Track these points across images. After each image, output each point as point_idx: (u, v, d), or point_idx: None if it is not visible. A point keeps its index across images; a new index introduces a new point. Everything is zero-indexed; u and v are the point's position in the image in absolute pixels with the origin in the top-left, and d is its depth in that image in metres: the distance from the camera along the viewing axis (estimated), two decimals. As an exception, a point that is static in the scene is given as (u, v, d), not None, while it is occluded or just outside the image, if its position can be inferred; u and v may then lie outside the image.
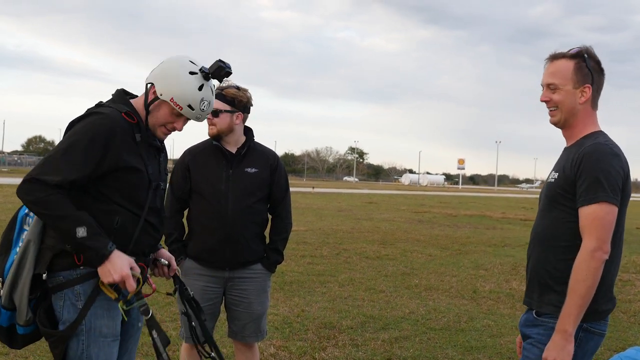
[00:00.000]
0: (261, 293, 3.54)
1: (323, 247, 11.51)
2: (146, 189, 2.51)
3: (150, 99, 2.50)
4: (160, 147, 2.65)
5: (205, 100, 2.50)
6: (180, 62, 2.50)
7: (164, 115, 2.50)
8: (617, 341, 5.75)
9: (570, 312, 2.29)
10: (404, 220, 19.10)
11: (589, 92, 2.45)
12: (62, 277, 2.39)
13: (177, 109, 2.46)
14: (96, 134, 2.34)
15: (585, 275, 2.27)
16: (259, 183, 3.50)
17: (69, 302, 2.39)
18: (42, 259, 2.38)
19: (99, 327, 2.40)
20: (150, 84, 2.51)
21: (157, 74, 2.51)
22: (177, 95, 2.45)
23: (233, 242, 3.40)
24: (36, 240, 2.39)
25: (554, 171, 2.51)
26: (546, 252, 2.47)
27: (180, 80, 2.45)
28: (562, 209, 2.41)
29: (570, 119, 2.49)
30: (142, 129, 2.51)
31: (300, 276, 8.33)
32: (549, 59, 2.53)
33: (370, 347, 5.24)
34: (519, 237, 14.93)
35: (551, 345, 2.31)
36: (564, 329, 2.29)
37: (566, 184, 2.40)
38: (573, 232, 2.37)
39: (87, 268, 2.39)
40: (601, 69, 2.49)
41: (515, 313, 6.74)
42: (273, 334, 5.39)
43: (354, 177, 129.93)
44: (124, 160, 2.41)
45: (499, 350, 5.36)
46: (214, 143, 3.48)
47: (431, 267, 9.86)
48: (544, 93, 2.52)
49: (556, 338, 2.31)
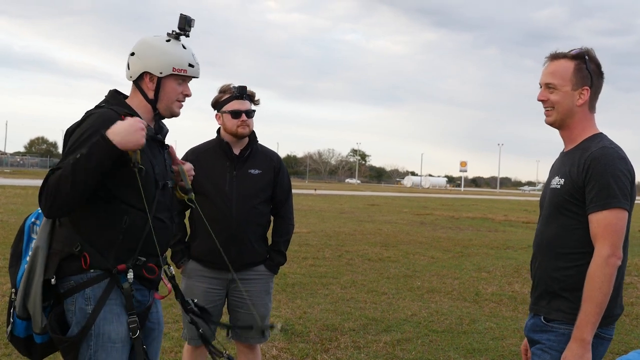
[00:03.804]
0: (264, 295, 3.55)
1: (325, 249, 11.50)
2: (153, 186, 2.48)
3: (154, 86, 2.50)
4: (164, 141, 2.64)
5: (193, 54, 2.56)
6: (152, 40, 2.52)
7: (172, 89, 2.52)
8: (620, 344, 5.74)
9: (588, 321, 2.25)
10: (406, 223, 19.09)
11: (586, 94, 2.42)
12: (73, 281, 2.37)
13: (183, 73, 2.50)
14: (94, 133, 2.30)
15: (601, 283, 2.24)
16: (263, 185, 3.50)
17: (79, 306, 2.37)
18: (50, 264, 2.37)
19: (108, 332, 2.37)
20: (141, 75, 2.50)
21: (142, 62, 2.49)
22: (175, 62, 2.49)
23: (237, 243, 3.41)
24: (44, 246, 2.39)
25: (558, 177, 2.45)
26: (554, 260, 2.42)
27: (167, 50, 2.49)
28: (570, 215, 2.38)
29: (567, 120, 2.46)
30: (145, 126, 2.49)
31: (302, 278, 8.33)
32: (549, 58, 2.49)
33: (372, 350, 5.23)
34: (522, 240, 14.91)
35: (569, 354, 2.27)
36: (582, 338, 2.26)
37: (574, 190, 2.36)
38: (581, 239, 2.35)
39: (96, 271, 2.37)
40: (601, 72, 2.47)
41: (518, 315, 6.74)
42: (275, 336, 5.38)
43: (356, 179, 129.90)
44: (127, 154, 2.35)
45: (501, 352, 5.35)
46: (224, 143, 3.49)
47: (433, 269, 9.86)
48: (541, 92, 2.50)
49: (574, 346, 2.27)
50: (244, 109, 3.43)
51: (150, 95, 2.52)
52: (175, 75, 2.50)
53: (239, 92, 3.43)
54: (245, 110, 3.43)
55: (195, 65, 2.55)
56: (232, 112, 3.42)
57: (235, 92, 3.44)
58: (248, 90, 3.49)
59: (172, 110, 2.57)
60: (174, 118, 2.63)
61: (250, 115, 3.46)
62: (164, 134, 2.66)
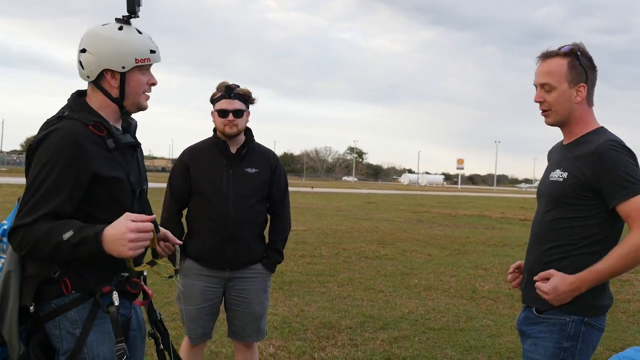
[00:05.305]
0: (261, 293, 3.54)
1: (322, 247, 11.51)
2: (130, 198, 2.31)
3: (117, 83, 2.27)
4: (136, 142, 2.41)
5: (150, 37, 2.32)
6: (103, 31, 2.27)
7: (137, 81, 2.30)
8: (616, 341, 5.76)
9: (593, 278, 2.29)
10: (403, 220, 19.11)
11: (584, 91, 2.42)
12: (54, 304, 2.16)
13: (146, 62, 2.28)
14: (61, 153, 2.10)
15: (629, 259, 2.25)
16: (260, 183, 3.50)
17: (65, 330, 2.16)
18: (26, 290, 2.14)
19: (103, 353, 2.19)
20: (101, 73, 2.25)
21: (99, 59, 2.24)
22: (136, 51, 2.25)
23: (234, 242, 3.40)
24: (16, 269, 2.16)
25: (560, 170, 2.44)
26: (550, 251, 2.44)
27: (124, 40, 2.25)
28: (570, 208, 2.39)
29: (567, 119, 2.46)
30: (114, 134, 2.27)
31: (299, 276, 8.33)
32: (541, 58, 2.48)
33: (370, 347, 5.24)
34: (518, 237, 14.93)
35: (559, 284, 2.31)
36: (579, 286, 2.30)
37: (578, 184, 2.36)
38: (579, 232, 2.37)
39: (79, 292, 2.18)
40: (594, 66, 2.46)
41: (515, 313, 6.75)
42: (272, 334, 5.39)
43: (353, 177, 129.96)
44: (100, 172, 2.17)
45: (498, 350, 5.36)
46: (221, 141, 3.48)
47: (430, 267, 9.87)
48: (537, 93, 2.48)
49: (565, 283, 2.31)
50: (232, 109, 3.40)
51: (115, 93, 2.28)
52: (138, 66, 2.27)
53: (226, 91, 3.42)
54: (233, 110, 3.41)
55: (156, 50, 2.32)
56: (219, 111, 3.42)
57: (223, 92, 3.43)
58: (241, 89, 3.47)
59: (139, 105, 2.35)
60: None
61: (238, 115, 3.41)
62: (133, 130, 2.44)
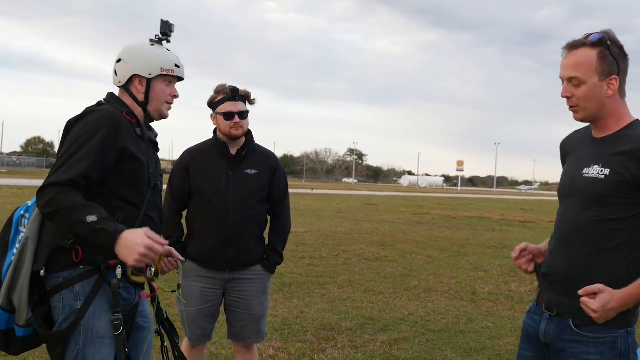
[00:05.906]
0: (261, 294, 3.54)
1: (322, 248, 11.50)
2: (146, 182, 2.54)
3: (143, 89, 2.58)
4: (156, 142, 2.73)
5: (177, 56, 2.66)
6: (137, 45, 2.62)
7: (161, 90, 2.61)
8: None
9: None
10: (403, 222, 19.11)
11: (616, 83, 2.19)
12: (62, 278, 2.36)
13: (171, 73, 2.60)
14: (101, 126, 2.38)
15: None
16: (260, 185, 3.50)
17: (67, 302, 2.35)
18: (40, 255, 2.37)
19: (97, 327, 2.36)
20: (130, 78, 2.57)
21: (130, 66, 2.57)
22: (163, 63, 2.58)
23: (234, 243, 3.41)
24: (35, 237, 2.38)
25: (598, 166, 2.20)
26: (589, 255, 2.20)
27: (154, 53, 2.59)
28: (611, 209, 2.16)
29: (599, 113, 2.23)
30: (142, 126, 2.57)
31: (299, 278, 8.33)
32: (567, 49, 2.23)
33: (370, 349, 5.24)
34: (519, 239, 14.91)
35: (609, 298, 2.10)
36: (627, 304, 2.12)
37: (623, 181, 2.13)
38: (619, 235, 2.16)
39: (86, 267, 2.37)
40: (625, 54, 2.22)
41: (515, 315, 6.75)
42: (272, 336, 5.39)
43: (353, 178, 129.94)
44: (129, 149, 2.43)
45: (498, 352, 5.36)
46: (221, 143, 3.48)
47: (430, 268, 9.86)
48: (565, 88, 2.24)
49: (615, 297, 2.10)
50: (237, 111, 3.42)
51: (141, 97, 2.59)
52: (163, 76, 2.59)
53: (231, 94, 3.43)
54: (238, 112, 3.42)
55: (181, 66, 2.65)
56: (225, 114, 3.42)
57: (228, 94, 3.44)
58: (242, 90, 3.48)
59: (161, 112, 2.65)
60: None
61: (244, 117, 3.44)
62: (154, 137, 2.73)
